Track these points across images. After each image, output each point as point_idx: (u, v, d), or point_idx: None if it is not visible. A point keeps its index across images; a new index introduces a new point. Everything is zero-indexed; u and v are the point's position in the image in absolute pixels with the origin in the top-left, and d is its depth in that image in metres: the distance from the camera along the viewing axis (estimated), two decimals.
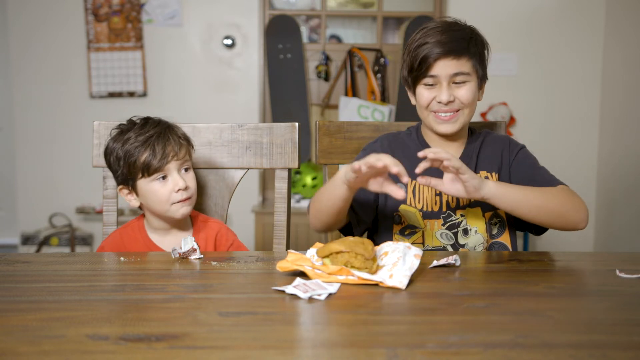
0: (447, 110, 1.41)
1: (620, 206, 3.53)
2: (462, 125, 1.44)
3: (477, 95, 1.44)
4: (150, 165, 1.39)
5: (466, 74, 1.40)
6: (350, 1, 3.98)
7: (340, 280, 1.07)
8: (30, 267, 1.22)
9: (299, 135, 1.65)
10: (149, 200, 1.43)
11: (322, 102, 3.85)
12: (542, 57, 3.76)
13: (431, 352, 0.77)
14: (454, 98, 1.40)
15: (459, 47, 1.38)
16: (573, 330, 0.87)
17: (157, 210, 1.44)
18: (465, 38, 1.40)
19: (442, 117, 1.42)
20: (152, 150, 1.38)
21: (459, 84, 1.40)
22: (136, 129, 1.42)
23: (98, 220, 3.74)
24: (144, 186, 1.42)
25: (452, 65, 1.38)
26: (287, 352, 0.79)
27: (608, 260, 1.32)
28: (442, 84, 1.40)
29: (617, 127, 3.60)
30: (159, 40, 3.79)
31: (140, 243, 1.48)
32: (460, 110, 1.42)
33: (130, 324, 0.87)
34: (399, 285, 1.05)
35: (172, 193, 1.41)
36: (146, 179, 1.41)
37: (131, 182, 1.42)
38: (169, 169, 1.41)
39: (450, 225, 1.46)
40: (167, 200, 1.41)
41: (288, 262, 1.13)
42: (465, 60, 1.39)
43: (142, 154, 1.39)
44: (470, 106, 1.43)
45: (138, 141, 1.39)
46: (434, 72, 1.39)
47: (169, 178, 1.42)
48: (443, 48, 1.37)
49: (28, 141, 3.86)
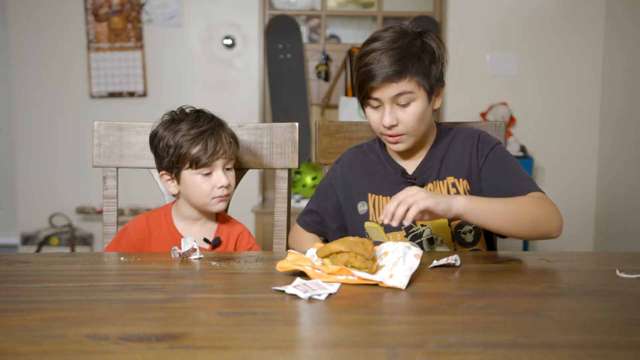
0: (390, 134, 1.39)
1: (620, 206, 3.53)
2: (411, 144, 1.42)
3: (425, 112, 1.38)
4: (199, 160, 1.42)
5: (409, 93, 1.35)
6: (350, 1, 3.98)
7: (340, 280, 1.07)
8: (30, 267, 1.22)
9: (299, 135, 1.65)
10: (190, 191, 1.46)
11: (322, 102, 3.85)
12: (542, 57, 3.76)
13: (431, 352, 0.77)
14: (397, 122, 1.37)
15: (399, 69, 1.33)
16: (573, 330, 0.87)
17: (195, 201, 1.47)
18: (407, 56, 1.34)
19: (389, 139, 1.41)
20: (203, 146, 1.42)
21: (404, 105, 1.36)
22: (189, 121, 1.45)
23: (98, 220, 3.74)
24: (188, 177, 1.45)
25: (393, 88, 1.34)
26: (287, 352, 0.79)
27: (608, 260, 1.32)
28: (385, 106, 1.36)
29: (617, 127, 3.60)
30: (159, 40, 3.79)
31: (164, 229, 1.50)
32: (405, 134, 1.39)
33: (130, 324, 0.87)
34: (399, 285, 1.05)
35: (213, 189, 1.45)
36: (192, 170, 1.44)
37: (176, 170, 1.45)
38: (215, 166, 1.45)
39: (413, 236, 1.44)
40: (208, 194, 1.45)
41: (288, 262, 1.13)
42: (407, 81, 1.34)
43: (193, 147, 1.42)
44: (417, 128, 1.39)
45: (190, 134, 1.42)
46: (375, 95, 1.36)
47: (214, 174, 1.45)
48: (380, 75, 1.33)
49: (28, 141, 3.86)
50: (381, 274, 1.08)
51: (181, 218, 1.52)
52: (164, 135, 1.45)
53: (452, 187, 1.44)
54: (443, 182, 1.45)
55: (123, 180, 1.83)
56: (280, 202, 1.64)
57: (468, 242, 1.45)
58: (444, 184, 1.45)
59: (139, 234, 1.49)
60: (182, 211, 1.52)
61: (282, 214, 1.64)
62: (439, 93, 1.42)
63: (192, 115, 1.47)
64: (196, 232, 1.50)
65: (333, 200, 1.54)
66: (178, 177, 1.46)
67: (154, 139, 1.48)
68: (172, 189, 1.49)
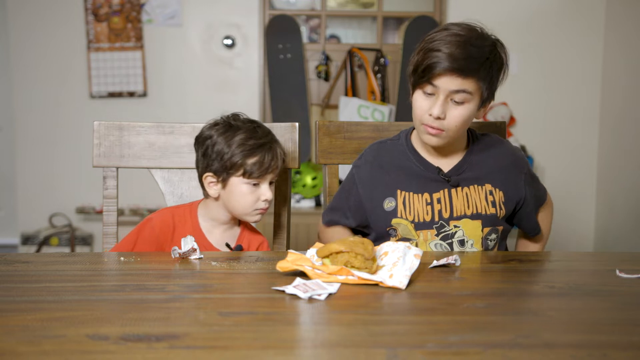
0: (433, 125, 1.36)
1: (620, 206, 3.53)
2: (445, 141, 1.40)
3: (472, 117, 1.38)
4: (252, 172, 1.43)
5: (468, 93, 1.32)
6: (350, 1, 3.98)
7: (340, 280, 1.07)
8: (30, 267, 1.22)
9: (299, 135, 1.65)
10: (233, 198, 1.46)
11: (322, 102, 3.85)
12: (542, 57, 3.77)
13: (431, 352, 0.77)
14: (445, 116, 1.34)
15: (470, 66, 1.30)
16: (573, 330, 0.87)
17: (236, 209, 1.48)
18: (481, 59, 1.31)
19: (429, 130, 1.37)
20: (260, 159, 1.43)
21: (457, 103, 1.33)
22: (247, 131, 1.45)
23: (98, 220, 3.74)
24: (236, 185, 1.45)
25: (456, 83, 1.31)
26: (287, 352, 0.79)
27: (608, 260, 1.32)
28: (440, 97, 1.33)
29: (617, 127, 3.60)
30: (159, 40, 3.79)
31: (189, 226, 1.50)
32: (445, 131, 1.36)
33: (130, 324, 0.87)
34: (398, 285, 1.05)
35: (258, 201, 1.46)
36: (242, 179, 1.44)
37: (225, 175, 1.45)
38: (265, 179, 1.46)
39: (444, 236, 1.43)
40: (251, 205, 1.46)
41: (288, 262, 1.13)
42: (472, 81, 1.32)
43: (249, 158, 1.43)
44: (459, 129, 1.38)
45: (249, 145, 1.43)
46: (436, 82, 1.32)
47: (261, 186, 1.46)
48: (452, 64, 1.29)
49: (28, 141, 3.86)
50: (381, 274, 1.08)
51: (207, 219, 1.52)
52: (218, 141, 1.44)
53: (490, 195, 1.45)
54: (482, 187, 1.45)
55: (123, 180, 1.83)
56: (280, 202, 1.64)
57: (490, 247, 1.47)
58: (482, 189, 1.45)
59: (164, 228, 1.49)
60: (211, 212, 1.51)
61: (282, 214, 1.64)
62: (486, 105, 1.40)
63: (249, 125, 1.47)
64: (219, 234, 1.51)
65: (355, 199, 1.51)
66: (225, 183, 1.46)
67: (206, 140, 1.47)
68: (213, 191, 1.47)
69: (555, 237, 3.80)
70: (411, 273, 1.08)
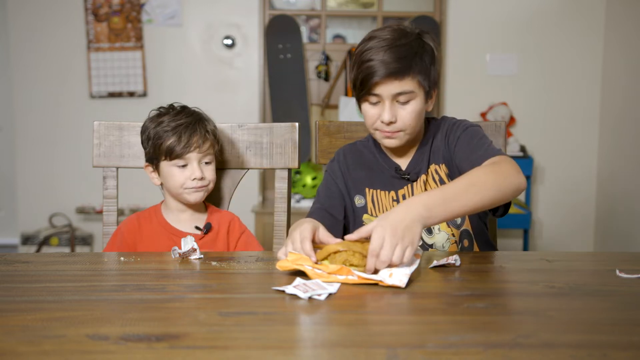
0: (387, 130, 1.40)
1: (620, 206, 3.53)
2: (405, 141, 1.44)
3: (422, 111, 1.42)
4: (173, 151, 1.48)
5: (410, 93, 1.37)
6: (350, 1, 3.98)
7: (341, 280, 1.07)
8: (30, 267, 1.22)
9: (299, 135, 1.65)
10: (166, 181, 1.53)
11: (322, 102, 3.85)
12: (542, 57, 3.76)
13: (431, 352, 0.77)
14: (396, 119, 1.38)
15: (403, 66, 1.34)
16: (573, 330, 0.87)
17: (172, 191, 1.54)
18: (410, 55, 1.36)
19: (386, 134, 1.42)
20: (177, 138, 1.48)
21: (404, 103, 1.38)
22: (171, 114, 1.52)
23: (98, 220, 3.74)
24: (165, 168, 1.51)
25: (395, 86, 1.36)
26: (287, 352, 0.79)
27: (608, 260, 1.32)
28: (385, 102, 1.38)
29: (617, 127, 3.60)
30: (159, 40, 3.79)
31: (155, 223, 1.56)
32: (401, 131, 1.41)
33: (130, 324, 0.87)
34: (398, 283, 1.04)
35: (187, 180, 1.50)
36: (168, 161, 1.50)
37: (155, 161, 1.52)
38: (189, 158, 1.50)
39: None
40: (180, 185, 1.50)
41: (288, 261, 1.13)
42: (409, 79, 1.36)
43: (169, 138, 1.48)
44: (414, 126, 1.41)
45: (169, 126, 1.49)
46: (376, 91, 1.37)
47: (188, 166, 1.50)
48: (386, 70, 1.34)
49: (28, 141, 3.86)
50: (381, 274, 1.08)
51: (169, 212, 1.57)
52: (147, 127, 1.53)
53: (435, 173, 1.47)
54: (427, 172, 1.48)
55: (123, 180, 1.83)
56: (280, 202, 1.64)
57: (458, 223, 1.47)
58: (428, 173, 1.48)
59: (131, 231, 1.54)
60: (168, 204, 1.57)
61: (282, 214, 1.64)
62: (432, 94, 1.44)
63: (177, 109, 1.54)
64: (187, 222, 1.56)
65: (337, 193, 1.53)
66: (158, 169, 1.53)
67: (141, 132, 1.55)
68: (155, 180, 1.56)
69: (555, 237, 3.81)
70: (411, 272, 1.08)
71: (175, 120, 1.49)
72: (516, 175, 1.27)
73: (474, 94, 3.75)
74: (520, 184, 1.27)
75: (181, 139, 1.47)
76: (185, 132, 1.48)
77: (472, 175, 1.26)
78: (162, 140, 1.48)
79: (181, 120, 1.49)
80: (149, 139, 1.51)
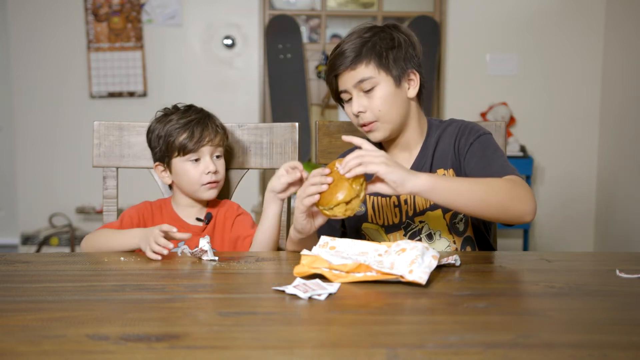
0: (363, 123, 1.40)
1: (620, 206, 3.53)
2: (388, 132, 1.41)
3: (394, 97, 1.39)
4: (186, 146, 1.49)
5: (369, 79, 1.37)
6: (350, 1, 3.99)
7: (359, 278, 1.06)
8: (30, 267, 1.22)
9: (299, 135, 1.65)
10: (181, 179, 1.53)
11: (322, 102, 3.85)
12: (543, 57, 3.77)
13: (431, 352, 0.77)
14: (365, 108, 1.38)
15: (349, 58, 1.37)
16: (573, 330, 0.87)
17: (186, 189, 1.54)
18: (357, 46, 1.37)
19: (365, 128, 1.42)
20: (190, 133, 1.49)
21: (369, 91, 1.38)
22: (179, 113, 1.53)
23: (98, 220, 3.74)
24: (178, 165, 1.52)
25: (351, 75, 1.38)
26: (287, 352, 0.79)
27: (608, 260, 1.32)
28: (353, 95, 1.39)
29: (617, 127, 3.60)
30: (159, 40, 3.79)
31: (165, 213, 1.57)
32: (376, 121, 1.39)
33: (130, 324, 0.87)
34: (419, 280, 1.04)
35: (202, 175, 1.51)
36: (181, 157, 1.51)
37: (167, 159, 1.53)
38: (203, 152, 1.51)
39: (412, 234, 1.43)
40: (197, 181, 1.51)
41: (304, 265, 1.10)
42: (363, 66, 1.37)
43: (180, 134, 1.50)
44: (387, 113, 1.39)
45: (179, 123, 1.50)
46: (341, 87, 1.40)
47: (202, 161, 1.51)
48: (339, 64, 1.38)
49: (28, 141, 3.86)
50: (401, 270, 1.07)
51: (178, 206, 1.58)
52: (156, 127, 1.53)
53: None
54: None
55: (123, 180, 1.83)
56: None
57: (461, 230, 1.45)
58: None
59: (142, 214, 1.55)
60: (177, 201, 1.58)
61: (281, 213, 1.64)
62: (410, 79, 1.42)
63: (183, 108, 1.56)
64: (193, 216, 1.56)
65: None
66: (170, 167, 1.53)
67: (148, 132, 1.55)
68: (167, 179, 1.56)
69: (555, 237, 3.81)
70: (430, 271, 1.07)
71: (185, 117, 1.51)
72: (528, 202, 1.26)
73: (474, 94, 3.75)
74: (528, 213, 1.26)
75: (194, 134, 1.49)
76: (197, 127, 1.50)
77: (490, 183, 1.27)
78: (173, 137, 1.49)
79: (191, 117, 1.51)
80: (159, 138, 1.51)
